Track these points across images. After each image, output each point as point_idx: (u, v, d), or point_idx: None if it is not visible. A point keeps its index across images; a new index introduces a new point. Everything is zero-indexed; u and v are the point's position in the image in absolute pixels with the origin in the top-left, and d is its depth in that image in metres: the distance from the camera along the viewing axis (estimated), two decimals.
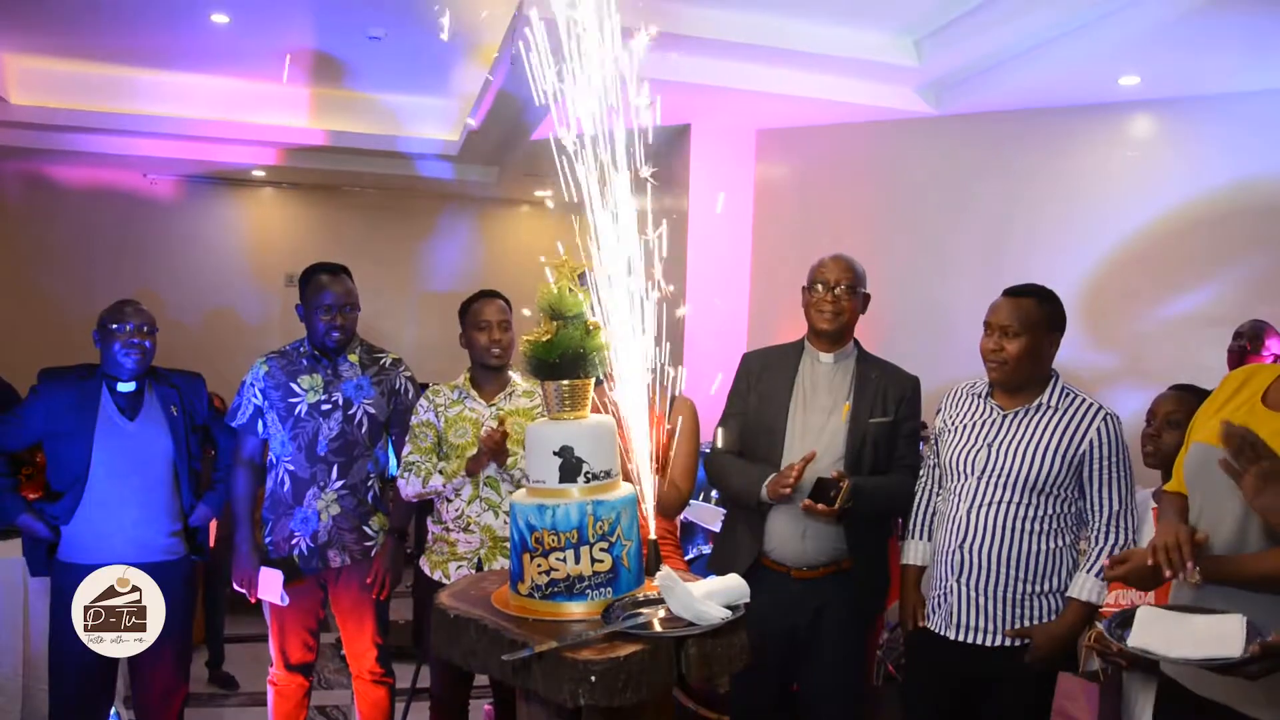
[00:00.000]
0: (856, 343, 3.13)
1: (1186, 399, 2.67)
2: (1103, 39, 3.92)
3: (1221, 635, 1.79)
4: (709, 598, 1.92)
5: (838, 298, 2.99)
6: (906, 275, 5.01)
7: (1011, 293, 2.76)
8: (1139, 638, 1.88)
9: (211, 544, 3.58)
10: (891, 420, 3.01)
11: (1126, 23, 3.80)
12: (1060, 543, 2.69)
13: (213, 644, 5.00)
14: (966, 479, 2.78)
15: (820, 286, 3.02)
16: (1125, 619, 1.96)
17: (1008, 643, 2.70)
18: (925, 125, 5.15)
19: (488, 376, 3.36)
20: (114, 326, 3.28)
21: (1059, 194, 4.77)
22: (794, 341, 3.16)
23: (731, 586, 1.99)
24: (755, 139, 5.69)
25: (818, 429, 3.00)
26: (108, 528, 3.27)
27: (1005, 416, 2.78)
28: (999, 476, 2.72)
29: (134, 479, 3.30)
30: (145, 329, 3.32)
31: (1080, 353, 4.55)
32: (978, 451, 2.77)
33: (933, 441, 3.00)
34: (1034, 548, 2.68)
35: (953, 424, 2.90)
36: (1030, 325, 2.69)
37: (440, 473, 3.21)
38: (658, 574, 1.97)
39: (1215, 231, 4.49)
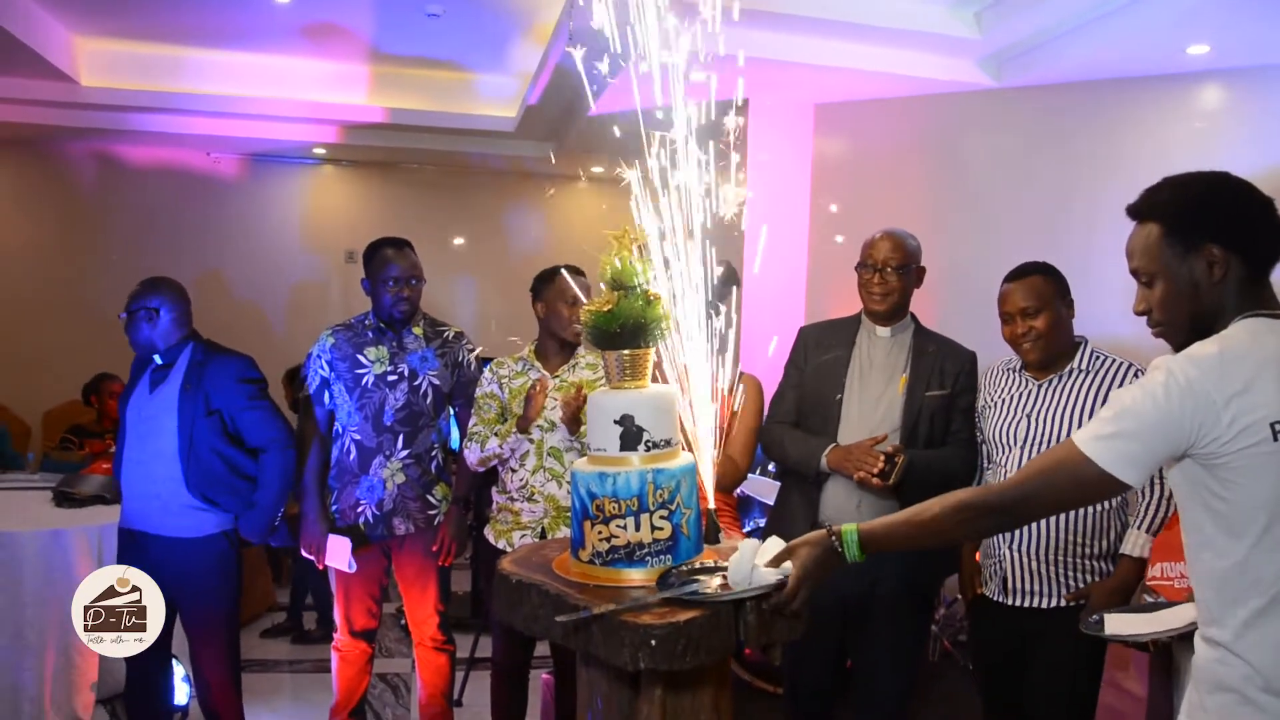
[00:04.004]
0: (914, 317, 3.12)
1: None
2: (1170, 7, 3.83)
3: (1174, 616, 2.21)
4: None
5: (886, 279, 2.99)
6: (965, 250, 4.94)
7: (1015, 276, 2.87)
8: (1112, 627, 2.37)
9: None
10: (948, 394, 3.00)
11: None
12: (1106, 505, 2.76)
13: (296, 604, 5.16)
14: (1010, 450, 2.86)
15: (869, 267, 3.02)
16: (1099, 619, 2.45)
17: (1061, 604, 2.77)
18: (986, 98, 5.06)
19: (554, 348, 3.38)
20: (122, 315, 3.35)
21: (1123, 167, 4.67)
22: (851, 315, 3.16)
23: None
24: (814, 113, 5.65)
25: (874, 401, 3.00)
26: (140, 499, 3.35)
27: (1040, 386, 2.87)
28: (1040, 444, 2.80)
29: (147, 450, 3.32)
30: (142, 313, 3.30)
31: (1145, 328, 4.47)
32: (1018, 423, 2.86)
33: (978, 419, 3.04)
34: (1082, 510, 2.75)
35: (993, 400, 2.98)
36: (1046, 299, 2.80)
37: (495, 434, 3.26)
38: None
39: None
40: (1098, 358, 2.84)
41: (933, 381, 2.99)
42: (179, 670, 3.66)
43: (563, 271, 3.33)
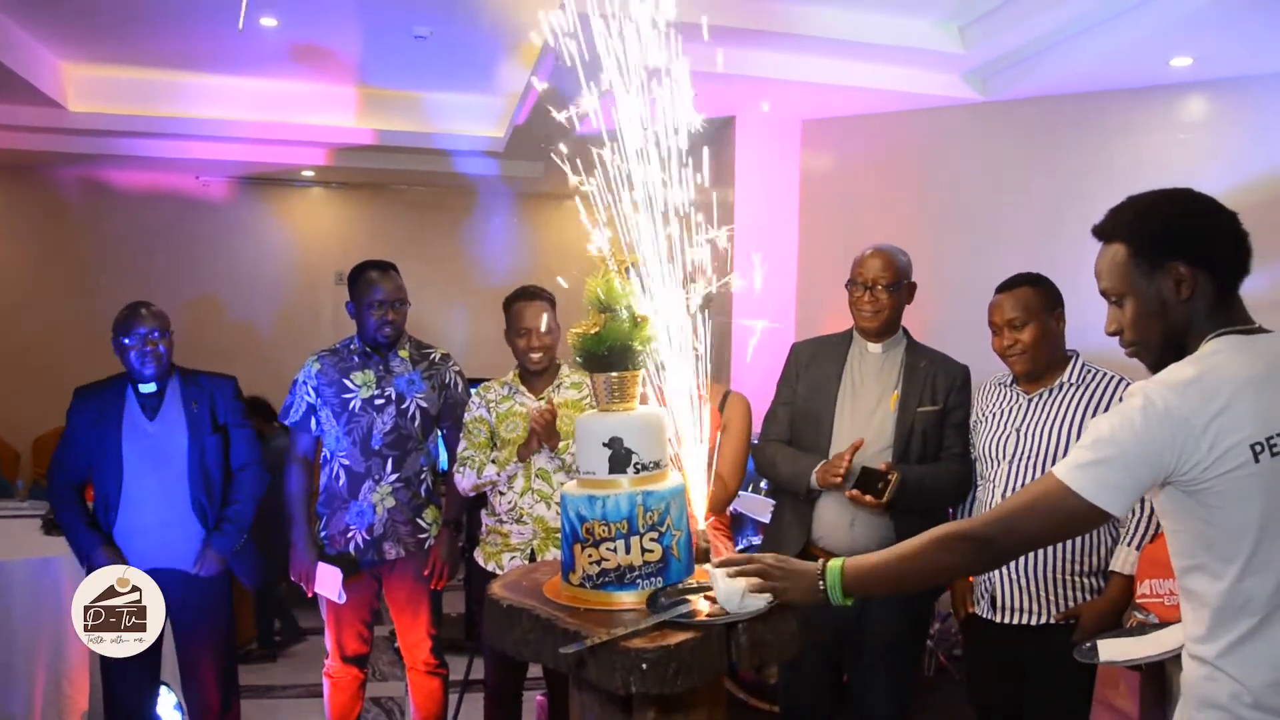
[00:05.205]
0: (905, 331, 3.12)
1: None
2: (1153, 20, 3.86)
3: (1164, 638, 2.25)
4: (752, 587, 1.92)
5: (876, 296, 2.99)
6: (955, 264, 4.95)
7: (1004, 287, 2.87)
8: (1106, 653, 2.34)
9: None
10: (940, 409, 3.00)
11: (1177, 2, 3.74)
12: None
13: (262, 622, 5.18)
14: (999, 465, 2.86)
15: (860, 285, 3.02)
16: (1093, 645, 2.42)
17: (1051, 622, 2.75)
18: (972, 112, 5.09)
19: (535, 372, 3.38)
20: (126, 340, 3.30)
21: (1110, 179, 4.69)
22: (843, 331, 3.16)
23: None
24: (800, 129, 5.67)
25: (866, 417, 3.00)
26: (141, 529, 3.32)
27: (1030, 400, 2.86)
28: (1029, 459, 2.79)
29: (155, 479, 3.33)
30: (156, 335, 3.31)
31: None
32: (1007, 437, 2.85)
33: (970, 434, 3.04)
34: None
35: (984, 414, 2.97)
36: (1034, 311, 2.80)
37: (494, 462, 3.25)
38: (710, 563, 1.98)
39: (1272, 215, 4.39)
40: (1088, 371, 2.83)
41: (925, 397, 2.99)
42: (170, 698, 3.63)
43: (516, 302, 3.33)
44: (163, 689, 3.53)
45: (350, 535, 3.43)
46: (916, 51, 4.62)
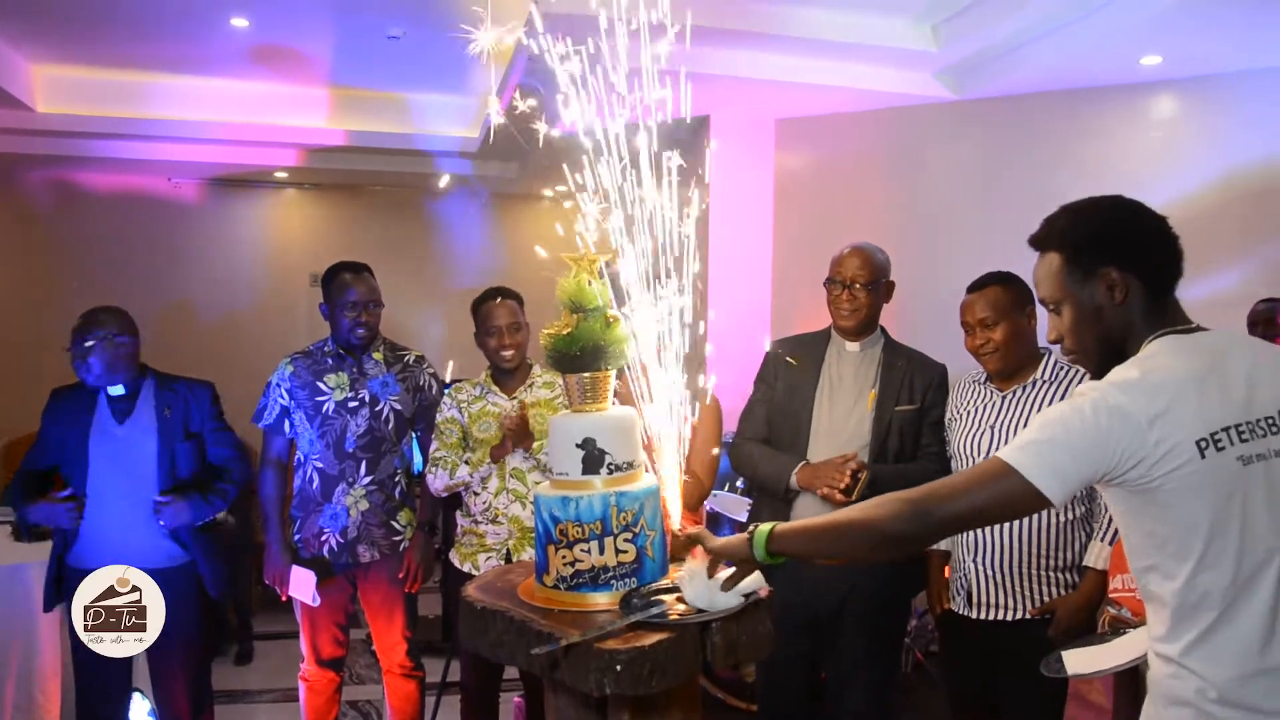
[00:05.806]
0: (883, 330, 3.12)
1: None
2: (1123, 19, 3.88)
3: (1129, 644, 2.21)
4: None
5: (854, 295, 3.00)
6: (930, 262, 4.96)
7: (975, 287, 2.89)
8: (1073, 666, 2.29)
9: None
10: (917, 408, 3.01)
11: (1147, 1, 3.76)
12: (1070, 515, 2.76)
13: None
14: (974, 462, 2.85)
15: (838, 283, 3.02)
16: (1059, 659, 2.34)
17: (1026, 617, 2.77)
18: (945, 111, 5.11)
19: (507, 372, 3.38)
20: (85, 343, 3.25)
21: (1083, 176, 4.71)
22: (820, 330, 3.16)
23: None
24: (775, 128, 5.68)
25: (843, 416, 3.00)
26: (106, 532, 3.28)
27: (1004, 397, 2.87)
28: None
29: (123, 483, 3.29)
30: (111, 336, 3.25)
31: None
32: (981, 434, 2.87)
33: (946, 432, 3.05)
34: (1044, 522, 2.74)
35: (959, 412, 2.98)
36: (1004, 309, 2.81)
37: (466, 463, 3.25)
38: (684, 567, 1.98)
39: (1241, 211, 4.44)
40: (1061, 367, 2.85)
41: (902, 396, 3.00)
42: (143, 705, 3.59)
43: (484, 303, 3.35)
44: (135, 695, 3.49)
45: (324, 538, 3.41)
46: (889, 50, 4.63)
